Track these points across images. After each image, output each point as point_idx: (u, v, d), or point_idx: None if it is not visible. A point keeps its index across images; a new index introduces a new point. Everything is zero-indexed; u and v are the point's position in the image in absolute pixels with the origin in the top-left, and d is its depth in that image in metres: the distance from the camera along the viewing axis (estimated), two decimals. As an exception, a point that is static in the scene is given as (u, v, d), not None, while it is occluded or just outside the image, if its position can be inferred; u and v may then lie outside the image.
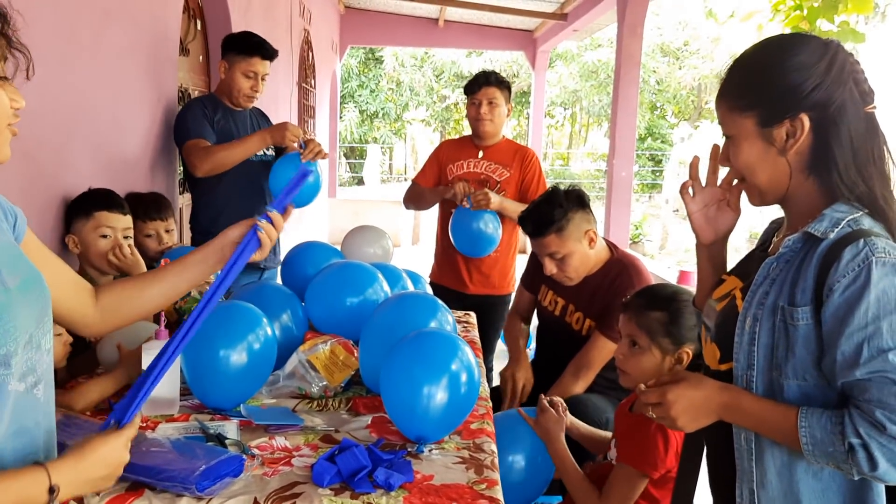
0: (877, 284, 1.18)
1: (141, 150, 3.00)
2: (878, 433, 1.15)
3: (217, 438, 1.61)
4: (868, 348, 1.17)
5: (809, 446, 1.22)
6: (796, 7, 6.51)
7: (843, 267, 1.20)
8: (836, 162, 1.27)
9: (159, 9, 3.17)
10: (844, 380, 1.20)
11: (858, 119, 1.27)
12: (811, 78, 1.26)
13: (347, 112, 20.69)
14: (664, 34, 20.45)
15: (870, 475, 1.18)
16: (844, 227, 1.25)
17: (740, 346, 1.34)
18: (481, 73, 3.49)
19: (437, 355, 1.69)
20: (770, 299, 1.30)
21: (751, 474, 1.35)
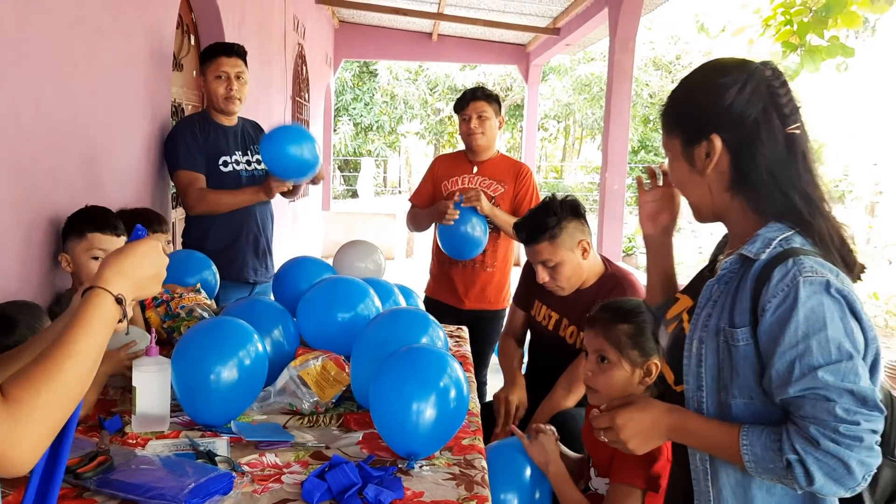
0: (805, 303, 1.20)
1: (134, 166, 3.00)
2: (812, 448, 1.18)
3: (207, 455, 1.61)
4: (799, 366, 1.20)
5: (752, 463, 1.25)
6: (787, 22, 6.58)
7: (773, 287, 1.23)
8: (753, 181, 1.31)
9: (153, 24, 3.19)
10: (780, 397, 1.23)
11: (775, 140, 1.29)
12: (724, 100, 1.30)
13: (342, 125, 20.74)
14: (656, 48, 20.58)
15: (808, 489, 1.21)
16: (776, 248, 1.28)
17: (689, 369, 1.37)
18: (468, 90, 3.51)
19: (426, 371, 1.69)
20: (713, 321, 1.34)
21: (707, 494, 1.37)
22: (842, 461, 1.16)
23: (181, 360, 1.81)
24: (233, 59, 3.17)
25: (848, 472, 1.17)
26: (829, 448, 1.16)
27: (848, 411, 1.16)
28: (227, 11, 4.35)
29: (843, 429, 1.16)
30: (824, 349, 1.19)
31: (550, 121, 22.80)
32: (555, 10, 8.25)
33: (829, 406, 1.17)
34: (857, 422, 1.16)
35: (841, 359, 1.19)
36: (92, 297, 1.06)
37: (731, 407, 1.31)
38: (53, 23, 2.27)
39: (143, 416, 1.76)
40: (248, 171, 3.26)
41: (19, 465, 0.91)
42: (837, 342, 1.19)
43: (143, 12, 3.06)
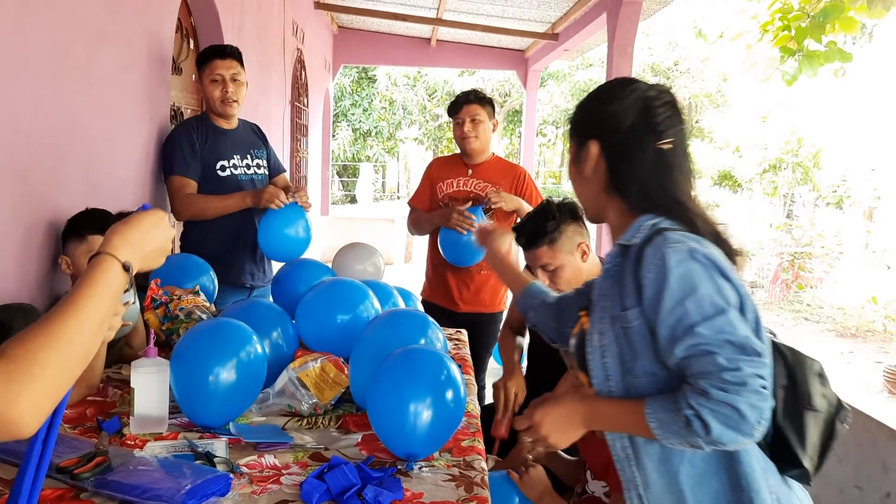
0: (674, 270, 1.32)
1: (133, 169, 3.00)
2: (705, 400, 1.26)
3: (206, 457, 1.60)
4: (680, 328, 1.30)
5: (659, 430, 1.32)
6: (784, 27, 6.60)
7: (647, 263, 1.36)
8: (625, 184, 1.48)
9: (152, 28, 3.19)
10: (671, 362, 1.33)
11: (646, 151, 1.45)
12: (604, 111, 1.49)
13: (340, 130, 20.76)
14: (654, 54, 20.62)
15: (708, 440, 1.27)
16: (646, 231, 1.42)
17: (594, 362, 1.48)
18: (462, 94, 3.51)
19: (421, 372, 1.69)
20: (607, 313, 1.46)
21: (635, 480, 1.45)
22: (733, 407, 1.24)
23: (180, 361, 1.81)
24: (227, 61, 3.15)
25: (741, 417, 1.24)
26: (719, 396, 1.24)
27: (730, 360, 1.25)
28: (227, 16, 4.35)
29: (728, 376, 1.24)
30: (699, 307, 1.30)
31: (549, 126, 22.83)
32: (553, 16, 8.27)
33: (712, 358, 1.26)
34: (740, 367, 1.25)
35: (715, 313, 1.29)
36: (99, 262, 1.04)
37: (638, 387, 1.41)
38: (53, 26, 2.28)
39: (141, 417, 1.76)
40: (247, 175, 3.25)
41: (19, 424, 0.88)
42: (710, 299, 1.30)
43: (143, 16, 3.06)
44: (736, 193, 17.69)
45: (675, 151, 1.45)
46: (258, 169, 3.30)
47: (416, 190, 3.67)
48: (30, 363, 0.89)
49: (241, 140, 3.30)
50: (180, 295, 2.44)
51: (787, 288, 10.83)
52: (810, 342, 8.41)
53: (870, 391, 6.43)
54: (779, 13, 6.49)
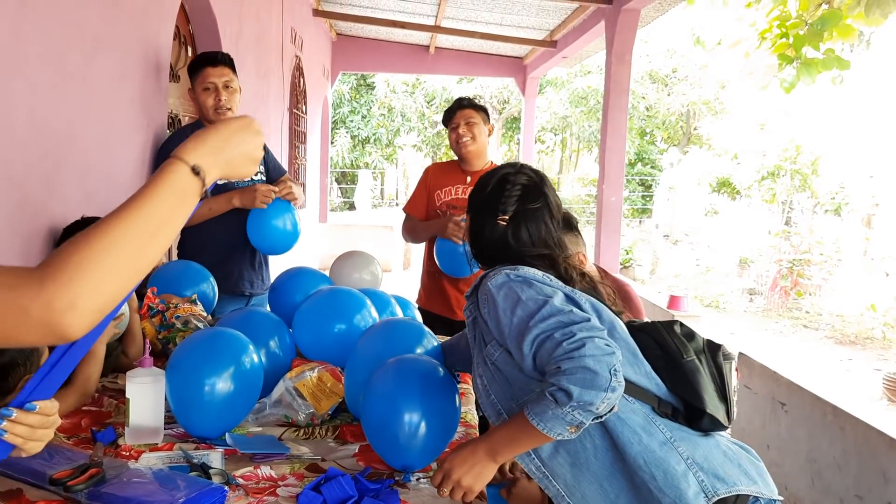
0: (497, 294, 1.53)
1: (130, 177, 2.99)
2: (560, 373, 1.36)
3: (201, 468, 1.59)
4: (520, 333, 1.46)
5: (541, 424, 1.39)
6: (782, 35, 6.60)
7: (482, 302, 1.58)
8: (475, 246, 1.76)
9: (150, 36, 3.19)
10: (530, 365, 1.47)
11: (490, 223, 1.71)
12: (474, 196, 1.79)
13: (339, 137, 20.77)
14: (653, 61, 20.66)
15: (574, 405, 1.35)
16: (477, 280, 1.64)
17: (484, 404, 1.62)
18: (454, 101, 3.50)
19: (415, 382, 1.68)
20: (479, 357, 1.64)
21: (559, 493, 1.53)
22: (582, 367, 1.34)
23: (175, 371, 1.79)
24: (219, 69, 3.09)
25: (593, 374, 1.34)
26: (569, 364, 1.35)
27: (563, 333, 1.40)
28: (225, 23, 4.35)
29: (567, 344, 1.37)
30: (526, 309, 1.47)
31: (547, 133, 22.86)
32: (552, 24, 8.28)
33: (551, 339, 1.41)
34: (573, 333, 1.38)
35: (539, 306, 1.46)
36: (165, 166, 0.97)
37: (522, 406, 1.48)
38: (50, 33, 2.27)
39: (136, 428, 1.74)
40: (242, 182, 3.20)
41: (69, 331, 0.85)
42: (533, 299, 1.48)
43: (140, 23, 3.06)
44: (734, 200, 17.71)
45: (516, 225, 1.69)
46: (258, 176, 3.28)
47: (411, 196, 3.63)
48: (83, 269, 0.84)
49: None
50: (177, 303, 2.42)
51: (786, 295, 10.82)
52: (809, 349, 8.40)
53: (869, 399, 6.41)
54: (777, 21, 6.49)
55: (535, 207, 1.71)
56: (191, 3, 4.03)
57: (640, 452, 1.46)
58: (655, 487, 1.44)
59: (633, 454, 1.46)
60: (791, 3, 6.40)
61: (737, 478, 1.47)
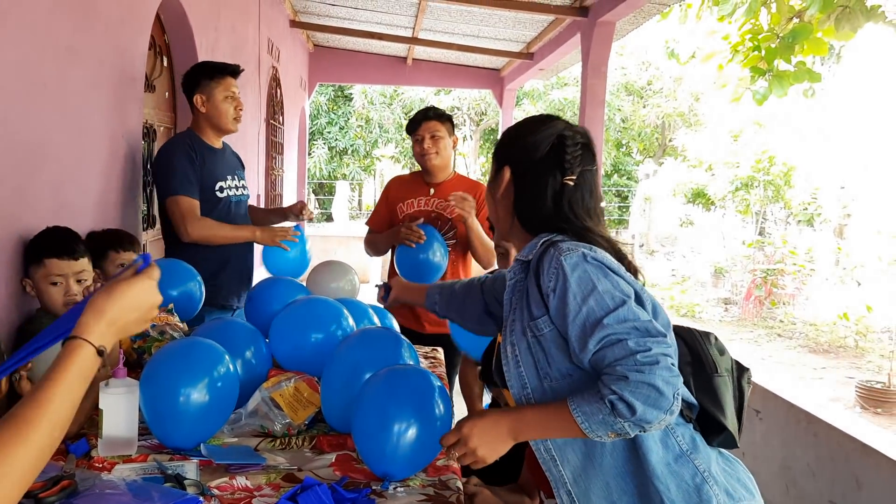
0: (571, 275, 1.42)
1: (104, 187, 2.97)
2: (625, 383, 1.33)
3: (176, 479, 1.57)
4: (588, 325, 1.39)
5: (585, 423, 1.38)
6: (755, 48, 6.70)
7: (546, 274, 1.46)
8: (528, 210, 1.59)
9: (125, 45, 3.17)
10: (587, 359, 1.41)
11: (554, 182, 1.56)
12: (519, 142, 1.61)
13: (316, 149, 20.71)
14: (628, 73, 20.85)
15: (634, 420, 1.33)
16: (540, 247, 1.52)
17: (510, 373, 1.54)
18: (420, 111, 3.44)
19: (412, 392, 1.68)
20: (517, 324, 1.54)
21: (562, 478, 1.52)
22: (651, 385, 1.32)
23: (150, 381, 1.78)
24: (235, 80, 3.20)
25: (659, 393, 1.32)
26: (637, 377, 1.32)
27: (638, 343, 1.35)
28: (201, 33, 4.34)
29: (640, 357, 1.33)
30: (601, 302, 1.40)
31: (524, 145, 22.95)
32: (528, 36, 8.34)
33: (623, 344, 1.36)
34: (649, 348, 1.34)
35: (617, 305, 1.39)
36: (73, 348, 1.05)
37: (556, 389, 1.47)
38: (22, 43, 2.25)
39: (109, 439, 1.72)
40: (237, 195, 3.24)
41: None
42: (609, 293, 1.41)
43: (115, 33, 3.04)
44: (709, 211, 17.89)
45: (580, 188, 1.57)
46: (244, 190, 3.32)
47: (374, 209, 3.56)
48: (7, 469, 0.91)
49: (228, 160, 3.30)
50: (152, 314, 2.40)
51: (761, 304, 10.93)
52: (784, 358, 8.48)
53: (842, 406, 6.49)
54: (749, 34, 6.59)
55: (592, 170, 1.61)
56: (166, 13, 4.01)
57: (660, 460, 1.45)
58: (668, 499, 1.43)
59: (654, 462, 1.45)
60: (763, 16, 6.51)
61: (741, 492, 1.49)
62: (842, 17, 5.72)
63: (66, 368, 1.02)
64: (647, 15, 6.42)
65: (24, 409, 0.96)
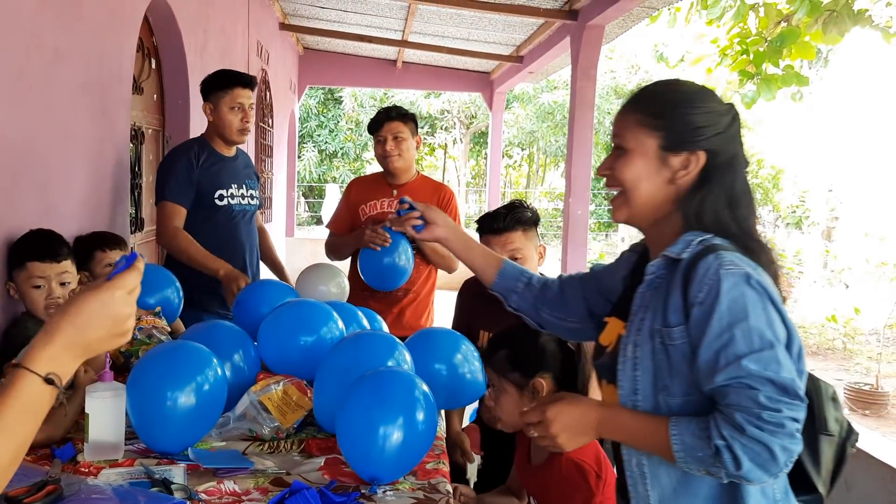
0: (727, 294, 1.26)
1: (92, 189, 2.95)
2: (739, 434, 1.22)
3: (163, 483, 1.56)
4: (724, 356, 1.25)
5: (681, 453, 1.28)
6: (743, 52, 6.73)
7: (698, 281, 1.29)
8: (708, 202, 1.38)
9: (112, 47, 3.15)
10: (708, 387, 1.28)
11: (742, 175, 1.41)
12: (716, 125, 1.38)
13: (306, 152, 20.67)
14: (618, 77, 20.92)
15: (735, 475, 1.24)
16: (696, 246, 1.34)
17: (624, 373, 1.40)
18: (382, 110, 3.32)
19: (396, 395, 1.67)
20: (646, 324, 1.38)
21: (647, 499, 1.39)
22: (766, 447, 1.20)
23: (137, 385, 1.76)
24: (246, 91, 3.15)
25: (772, 458, 1.20)
26: (754, 434, 1.20)
27: (770, 399, 1.21)
28: (189, 35, 4.32)
29: (766, 415, 1.20)
30: (747, 338, 1.24)
31: (515, 148, 22.99)
32: (518, 39, 8.35)
33: (753, 394, 1.22)
34: (780, 409, 1.21)
35: (763, 347, 1.24)
36: (14, 379, 0.91)
37: (671, 406, 1.34)
38: (9, 44, 2.23)
39: (96, 443, 1.70)
40: (241, 205, 3.22)
41: None
42: (759, 331, 1.24)
43: (102, 35, 3.02)
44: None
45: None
46: (251, 200, 3.29)
47: (334, 213, 3.45)
48: None
49: (239, 169, 3.28)
50: (140, 315, 2.38)
51: (750, 307, 10.96)
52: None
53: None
54: (737, 38, 6.62)
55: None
56: (154, 15, 3.99)
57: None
58: None
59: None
60: (751, 20, 6.54)
61: None
62: (829, 21, 5.75)
63: (10, 397, 0.89)
64: (637, 18, 6.45)
65: None
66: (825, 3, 5.74)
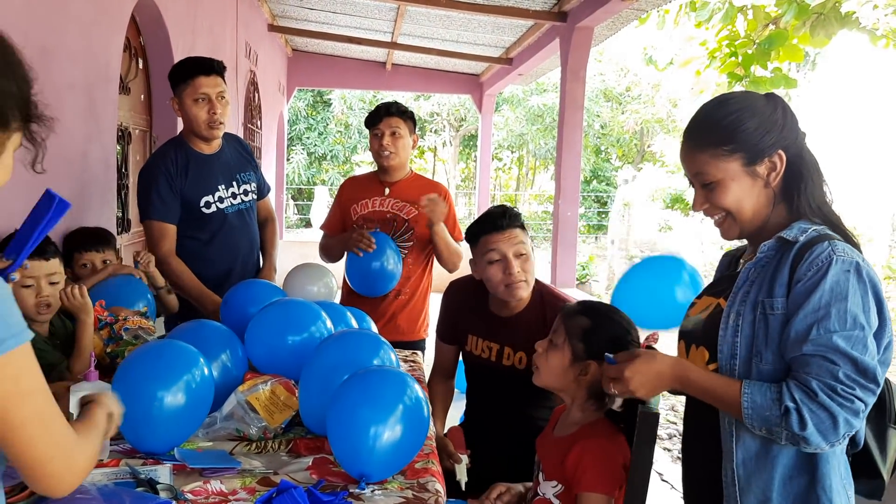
0: (833, 276, 1.39)
1: (78, 190, 2.92)
2: (809, 399, 1.35)
3: (148, 484, 1.54)
4: (817, 329, 1.37)
5: (749, 410, 1.40)
6: (731, 54, 6.76)
7: (809, 262, 1.42)
8: (802, 187, 1.52)
9: (99, 47, 3.13)
10: (793, 354, 1.40)
11: (810, 152, 1.54)
12: (776, 122, 1.51)
13: (295, 154, 20.62)
14: (607, 80, 20.99)
15: (799, 435, 1.36)
16: (811, 233, 1.47)
17: (724, 339, 1.52)
18: (382, 105, 3.23)
19: (387, 393, 1.66)
20: (751, 297, 1.51)
21: (731, 453, 1.51)
22: (832, 415, 1.33)
23: (122, 384, 1.74)
24: (212, 78, 2.86)
25: (834, 427, 1.34)
26: (824, 402, 1.33)
27: (848, 377, 1.34)
28: (177, 35, 4.30)
29: (840, 389, 1.33)
30: (841, 317, 1.37)
31: (504, 151, 23.02)
32: (507, 41, 8.36)
33: (833, 368, 1.35)
34: (853, 388, 1.34)
35: (854, 328, 1.36)
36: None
37: (762, 371, 1.46)
38: (-7, 40, 2.21)
39: (81, 444, 1.68)
40: (233, 205, 2.98)
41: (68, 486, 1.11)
42: (854, 314, 1.37)
43: (88, 34, 3.00)
44: (687, 216, 18.02)
45: None
46: (245, 196, 3.04)
47: (327, 214, 3.37)
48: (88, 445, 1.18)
49: (225, 165, 3.01)
50: (126, 316, 2.36)
51: (738, 309, 11.01)
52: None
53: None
54: (726, 40, 6.66)
55: None
56: (142, 15, 3.97)
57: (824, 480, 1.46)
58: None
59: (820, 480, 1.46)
60: (740, 23, 6.58)
61: None
62: (817, 23, 5.79)
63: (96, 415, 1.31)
64: (626, 20, 6.46)
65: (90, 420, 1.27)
66: (813, 6, 5.78)
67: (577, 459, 1.81)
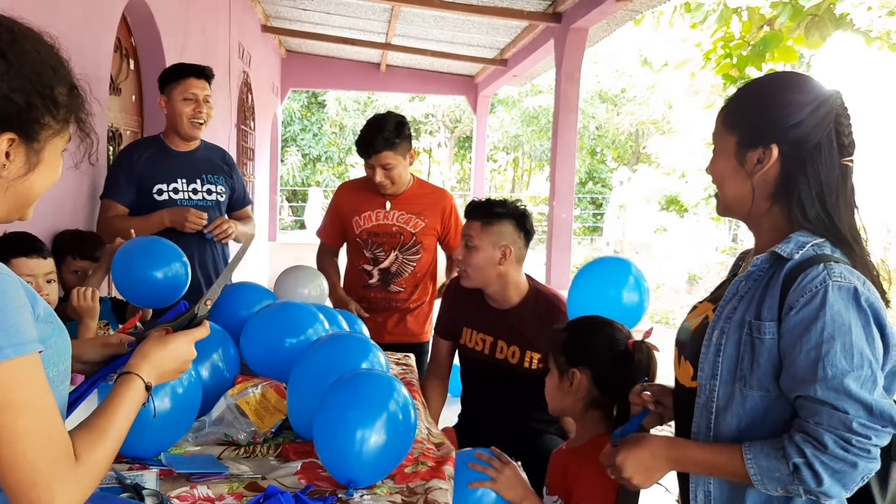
0: (832, 306, 1.26)
1: (68, 191, 2.90)
2: (821, 452, 1.24)
3: (134, 489, 1.51)
4: (823, 367, 1.25)
5: (758, 476, 1.31)
6: (726, 55, 6.76)
7: (802, 286, 1.29)
8: (798, 195, 1.36)
9: (89, 47, 3.10)
10: (800, 393, 1.29)
11: (832, 165, 1.35)
12: (793, 116, 1.35)
13: (290, 156, 20.59)
14: (602, 81, 21.01)
15: (816, 491, 1.27)
16: (809, 251, 1.34)
17: (706, 357, 1.42)
18: (369, 134, 3.03)
19: (373, 396, 1.64)
20: (738, 314, 1.39)
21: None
22: (850, 465, 1.24)
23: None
24: (202, 82, 3.07)
25: (851, 477, 1.24)
26: (840, 454, 1.23)
27: (863, 426, 1.23)
28: (169, 36, 4.27)
29: (856, 441, 1.23)
30: (847, 353, 1.25)
31: (499, 152, 23.03)
32: (502, 42, 8.35)
33: (846, 419, 1.24)
34: (870, 437, 1.24)
35: (863, 366, 1.25)
36: (129, 382, 1.24)
37: (746, 399, 1.36)
38: (-21, 39, 2.18)
39: (65, 449, 1.66)
40: (190, 200, 3.05)
41: None
42: (860, 349, 1.25)
43: (79, 35, 2.97)
44: (682, 218, 18.04)
45: (851, 170, 1.38)
46: (208, 195, 3.11)
47: (323, 221, 3.35)
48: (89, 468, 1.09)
49: (193, 163, 3.12)
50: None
51: (733, 310, 11.01)
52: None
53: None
54: (721, 42, 6.66)
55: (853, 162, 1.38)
56: (133, 15, 3.94)
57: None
58: None
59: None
60: (734, 24, 6.58)
61: None
62: (811, 25, 5.79)
63: (124, 398, 1.22)
64: (620, 21, 6.45)
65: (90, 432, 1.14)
66: (807, 8, 5.78)
67: (575, 472, 1.81)
